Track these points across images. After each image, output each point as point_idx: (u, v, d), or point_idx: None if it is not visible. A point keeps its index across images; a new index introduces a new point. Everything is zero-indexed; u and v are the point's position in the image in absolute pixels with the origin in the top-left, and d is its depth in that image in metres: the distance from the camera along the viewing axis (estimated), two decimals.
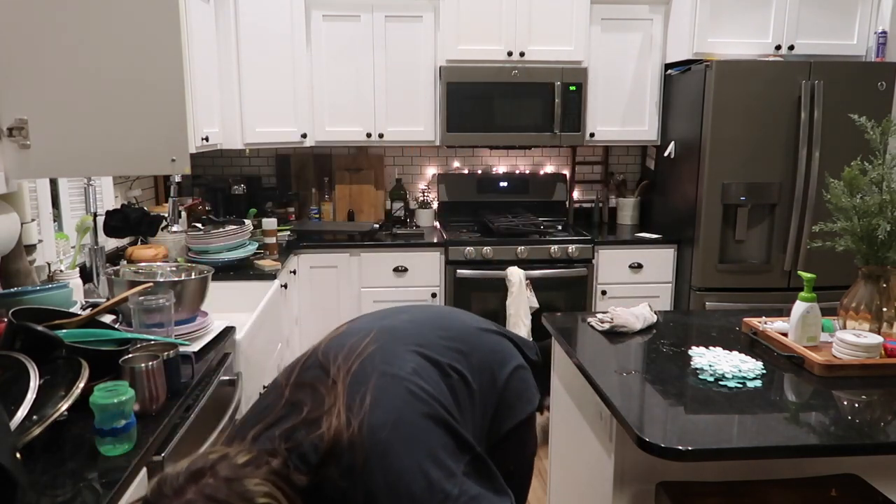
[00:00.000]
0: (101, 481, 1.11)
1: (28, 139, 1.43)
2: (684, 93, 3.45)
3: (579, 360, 1.77)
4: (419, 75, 3.54)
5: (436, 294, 3.46)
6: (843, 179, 1.83)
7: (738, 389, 1.57)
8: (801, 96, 3.15)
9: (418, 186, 4.01)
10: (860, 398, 1.54)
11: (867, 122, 1.84)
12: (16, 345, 1.32)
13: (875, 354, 1.65)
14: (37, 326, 1.35)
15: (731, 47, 3.33)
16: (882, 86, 3.17)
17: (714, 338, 1.95)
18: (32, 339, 1.33)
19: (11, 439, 1.04)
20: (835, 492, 1.48)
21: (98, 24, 1.41)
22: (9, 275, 1.85)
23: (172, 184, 2.95)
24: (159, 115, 1.53)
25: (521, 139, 3.57)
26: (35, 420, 1.15)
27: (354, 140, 3.59)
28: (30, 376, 1.21)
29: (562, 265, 3.46)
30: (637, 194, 3.98)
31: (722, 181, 3.22)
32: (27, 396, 1.17)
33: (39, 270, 2.14)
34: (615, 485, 1.61)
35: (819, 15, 3.34)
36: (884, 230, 1.73)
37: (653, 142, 3.73)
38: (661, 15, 3.57)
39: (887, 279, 1.78)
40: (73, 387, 1.23)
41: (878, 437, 1.35)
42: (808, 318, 1.75)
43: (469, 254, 3.41)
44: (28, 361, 1.25)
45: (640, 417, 1.43)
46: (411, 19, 3.48)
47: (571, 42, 3.50)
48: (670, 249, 3.53)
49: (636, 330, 1.99)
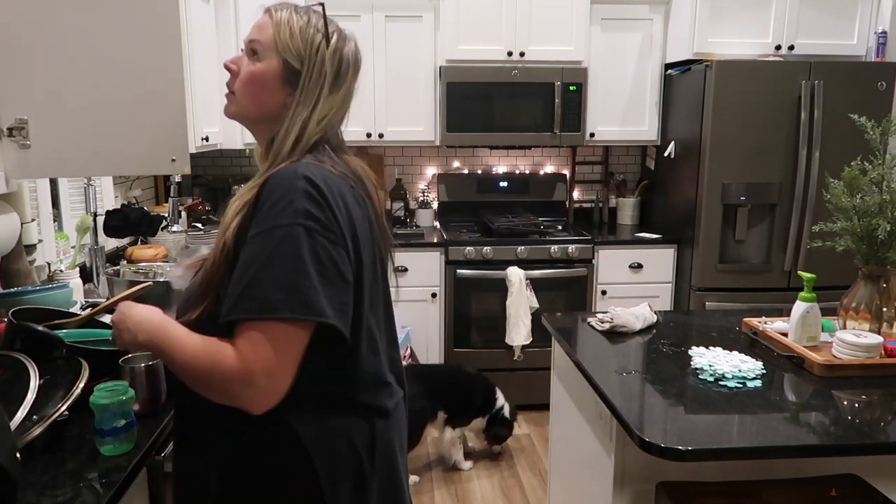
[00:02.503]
0: (101, 481, 1.11)
1: (28, 139, 1.44)
2: (684, 93, 3.45)
3: (579, 360, 1.77)
4: (419, 75, 3.54)
5: (436, 294, 3.46)
6: (843, 179, 1.83)
7: (738, 389, 1.57)
8: (801, 96, 3.15)
9: (418, 186, 4.01)
10: (860, 398, 1.54)
11: (867, 122, 1.84)
12: (16, 345, 1.32)
13: (875, 354, 1.65)
14: (37, 326, 1.35)
15: (731, 47, 3.33)
16: (882, 86, 3.17)
17: (714, 338, 1.95)
18: (32, 339, 1.33)
19: (11, 439, 1.04)
20: (835, 492, 1.48)
21: (98, 25, 1.41)
22: (9, 275, 1.85)
23: (172, 184, 2.95)
24: (159, 114, 1.53)
25: (521, 139, 3.57)
26: (35, 420, 1.15)
27: (354, 140, 3.58)
28: (30, 376, 1.21)
29: (562, 265, 3.46)
30: (637, 194, 3.98)
31: (722, 181, 3.22)
32: (27, 396, 1.17)
33: (39, 270, 2.14)
34: (615, 485, 1.61)
35: (819, 15, 3.34)
36: (884, 230, 1.73)
37: (653, 142, 3.73)
38: (661, 15, 3.57)
39: (887, 279, 1.78)
40: (73, 387, 1.23)
41: (878, 437, 1.35)
42: (808, 318, 1.75)
43: (469, 254, 3.41)
44: (28, 361, 1.25)
45: (640, 417, 1.43)
46: (411, 19, 3.48)
47: (571, 42, 3.50)
48: (670, 249, 3.53)
49: (636, 330, 1.99)
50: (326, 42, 1.09)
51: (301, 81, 1.08)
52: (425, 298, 3.46)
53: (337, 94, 1.12)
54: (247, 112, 1.13)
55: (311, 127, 1.08)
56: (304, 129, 1.07)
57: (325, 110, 1.10)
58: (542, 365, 3.39)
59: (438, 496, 2.83)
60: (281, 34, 1.08)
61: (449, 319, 3.47)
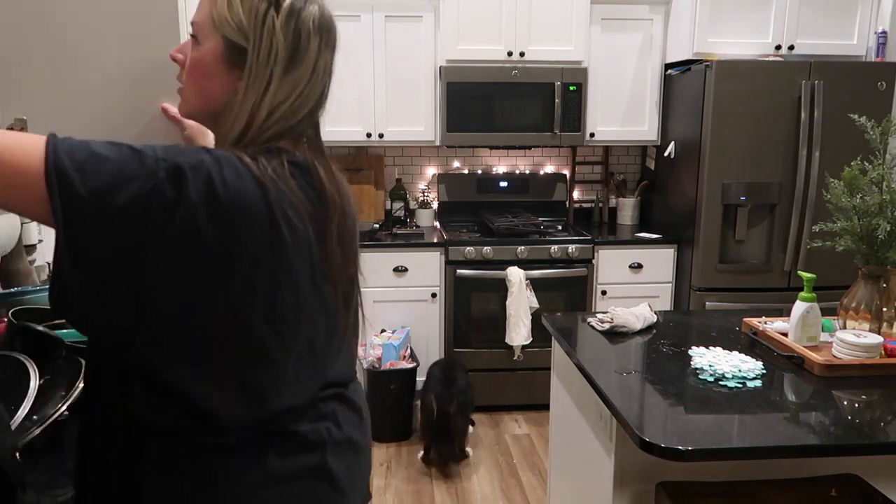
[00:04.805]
0: None
1: None
2: (684, 93, 3.45)
3: (579, 360, 1.77)
4: (419, 75, 3.54)
5: (436, 294, 3.46)
6: (843, 179, 1.83)
7: (738, 389, 1.57)
8: (801, 96, 3.15)
9: (418, 186, 4.01)
10: (860, 398, 1.54)
11: (867, 122, 1.84)
12: (16, 345, 1.32)
13: (875, 354, 1.65)
14: (37, 326, 1.35)
15: (731, 47, 3.33)
16: (882, 86, 3.17)
17: (714, 338, 1.95)
18: (32, 339, 1.33)
19: (11, 439, 1.04)
20: (835, 492, 1.48)
21: (98, 25, 1.41)
22: (9, 275, 1.85)
23: None
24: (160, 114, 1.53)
25: (521, 139, 3.57)
26: (35, 420, 1.15)
27: (354, 140, 3.59)
28: (30, 376, 1.21)
29: (562, 265, 3.46)
30: (637, 194, 3.98)
31: (722, 181, 3.22)
32: (27, 396, 1.17)
33: (39, 270, 2.14)
34: (615, 485, 1.61)
35: (819, 15, 3.34)
36: (884, 230, 1.73)
37: (653, 142, 3.73)
38: (661, 15, 3.57)
39: (887, 279, 1.78)
40: (73, 387, 1.23)
41: (878, 437, 1.35)
42: (808, 318, 1.75)
43: (469, 254, 3.41)
44: (28, 361, 1.25)
45: (640, 417, 1.43)
46: (411, 19, 3.48)
47: (571, 42, 3.50)
48: (670, 249, 3.53)
49: (636, 330, 1.99)
50: (275, 8, 0.88)
51: (248, 60, 0.89)
52: (425, 298, 3.46)
53: (296, 72, 0.90)
54: (195, 106, 0.96)
55: (262, 114, 0.89)
56: (252, 117, 0.89)
57: (282, 93, 0.89)
58: (542, 365, 3.39)
59: (438, 495, 2.83)
60: (217, 6, 0.89)
61: (449, 319, 3.47)
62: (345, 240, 0.95)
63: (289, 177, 0.87)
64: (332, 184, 0.93)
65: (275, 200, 0.84)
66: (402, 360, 3.26)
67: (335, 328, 0.97)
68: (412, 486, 2.89)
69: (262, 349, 0.87)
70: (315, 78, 0.92)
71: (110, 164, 0.77)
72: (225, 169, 0.82)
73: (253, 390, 0.88)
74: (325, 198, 0.92)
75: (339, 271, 0.94)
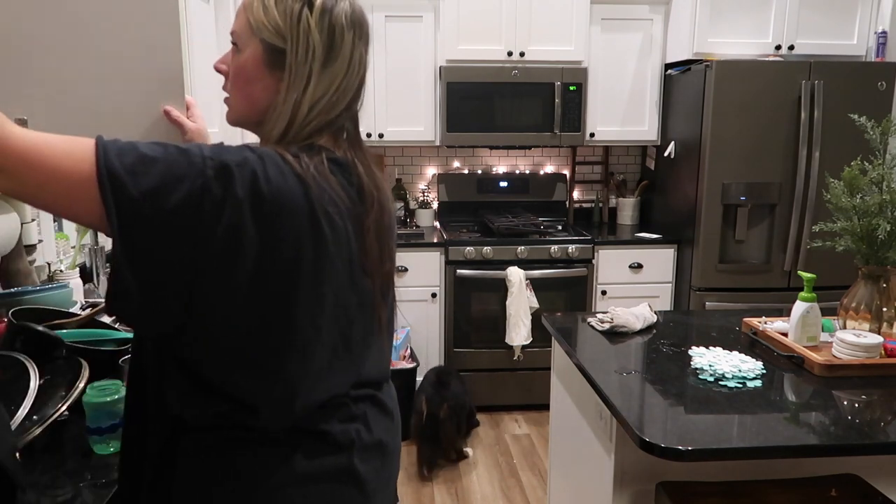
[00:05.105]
0: (101, 481, 1.11)
1: None
2: (684, 93, 3.45)
3: (579, 360, 1.77)
4: (419, 75, 3.54)
5: (436, 294, 3.46)
6: (843, 179, 1.83)
7: (738, 389, 1.57)
8: (801, 96, 3.14)
9: (418, 186, 4.01)
10: (860, 398, 1.54)
11: (867, 122, 1.84)
12: (16, 345, 1.32)
13: (875, 354, 1.65)
14: (37, 326, 1.35)
15: (731, 47, 3.33)
16: (882, 86, 3.17)
17: (714, 338, 1.95)
18: (32, 339, 1.33)
19: (11, 439, 1.04)
20: (835, 492, 1.48)
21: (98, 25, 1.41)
22: (9, 275, 1.85)
23: None
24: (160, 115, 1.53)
25: (521, 139, 3.57)
26: (35, 420, 1.15)
27: None
28: (30, 376, 1.21)
29: (562, 265, 3.46)
30: (637, 194, 3.98)
31: (722, 181, 3.22)
32: (27, 396, 1.17)
33: (39, 270, 2.14)
34: (615, 485, 1.61)
35: (819, 15, 3.34)
36: (884, 230, 1.73)
37: (653, 142, 3.73)
38: (661, 15, 3.57)
39: (887, 279, 1.78)
40: (73, 387, 1.23)
41: (878, 437, 1.35)
42: (808, 318, 1.75)
43: (469, 254, 3.41)
44: (28, 361, 1.25)
45: (640, 417, 1.43)
46: (411, 19, 3.48)
47: (571, 42, 3.50)
48: (670, 249, 3.53)
49: (636, 330, 1.99)
50: (309, 7, 0.91)
51: (287, 60, 0.92)
52: (425, 298, 3.46)
53: (333, 66, 0.93)
54: (242, 113, 0.99)
55: (303, 110, 0.92)
56: (294, 114, 0.91)
57: (321, 88, 0.92)
58: (542, 365, 3.39)
59: (438, 495, 2.83)
60: (254, 12, 0.93)
61: (449, 319, 3.47)
62: (382, 235, 0.97)
63: (329, 174, 0.90)
64: (370, 179, 0.96)
65: (316, 198, 0.86)
66: (402, 360, 3.27)
67: (371, 323, 0.99)
68: (412, 486, 2.90)
69: (302, 344, 0.89)
70: (351, 71, 0.96)
71: (159, 165, 0.79)
72: (269, 166, 0.84)
73: (292, 384, 0.90)
74: (363, 193, 0.94)
75: (377, 266, 0.97)
